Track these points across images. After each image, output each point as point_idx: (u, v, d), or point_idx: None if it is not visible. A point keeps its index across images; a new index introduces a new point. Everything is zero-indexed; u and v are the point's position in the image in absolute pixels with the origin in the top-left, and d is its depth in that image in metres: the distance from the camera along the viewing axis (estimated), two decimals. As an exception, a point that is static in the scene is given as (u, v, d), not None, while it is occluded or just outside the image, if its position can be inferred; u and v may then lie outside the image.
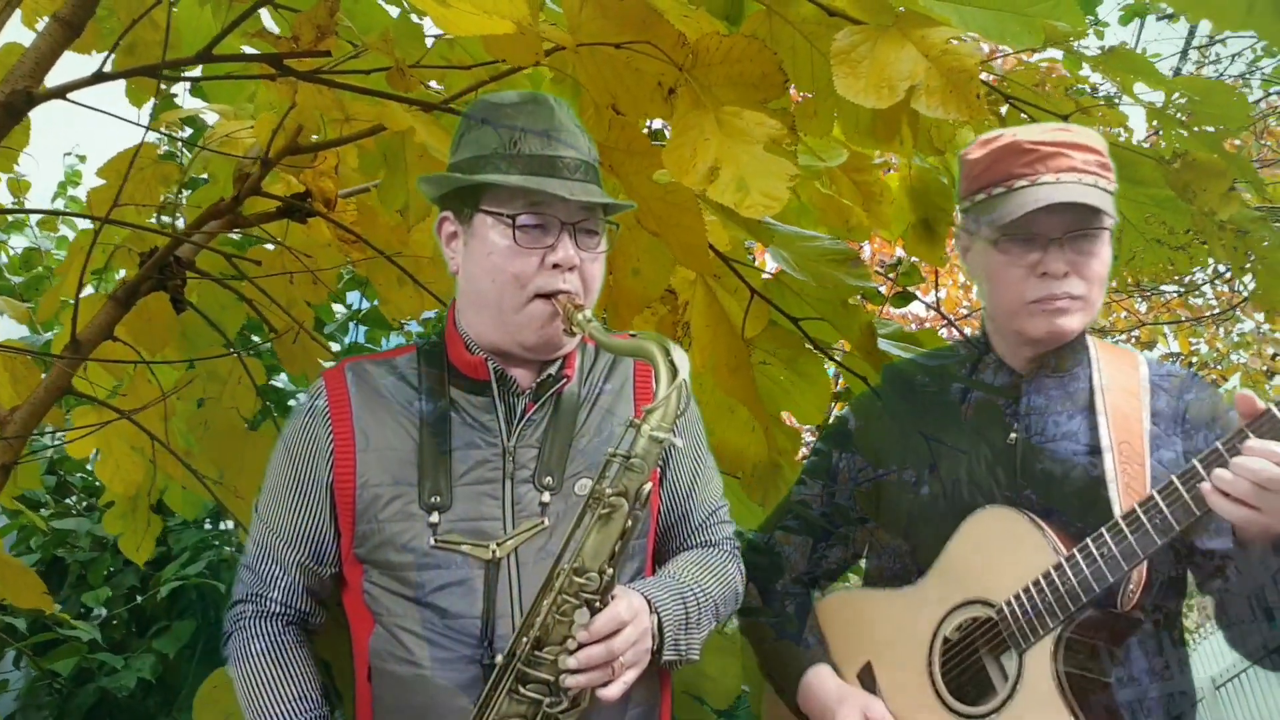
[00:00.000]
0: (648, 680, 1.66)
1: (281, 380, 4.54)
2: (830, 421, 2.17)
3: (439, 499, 1.65)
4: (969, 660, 1.73)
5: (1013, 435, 1.81)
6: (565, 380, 1.75)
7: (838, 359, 2.36)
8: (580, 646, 1.53)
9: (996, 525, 1.74)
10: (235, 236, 3.63)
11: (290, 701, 1.66)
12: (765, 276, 2.31)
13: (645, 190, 2.04)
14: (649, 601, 1.63)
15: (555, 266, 1.66)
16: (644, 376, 1.79)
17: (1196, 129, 1.97)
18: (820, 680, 1.84)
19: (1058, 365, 1.83)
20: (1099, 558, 1.62)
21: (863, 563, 2.08)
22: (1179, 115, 1.97)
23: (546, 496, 1.67)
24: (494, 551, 1.62)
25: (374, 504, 1.67)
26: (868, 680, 1.86)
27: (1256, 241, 2.04)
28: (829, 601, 1.96)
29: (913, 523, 1.86)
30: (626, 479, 1.53)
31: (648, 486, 1.54)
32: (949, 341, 2.27)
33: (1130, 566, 1.61)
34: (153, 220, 2.57)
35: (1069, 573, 1.64)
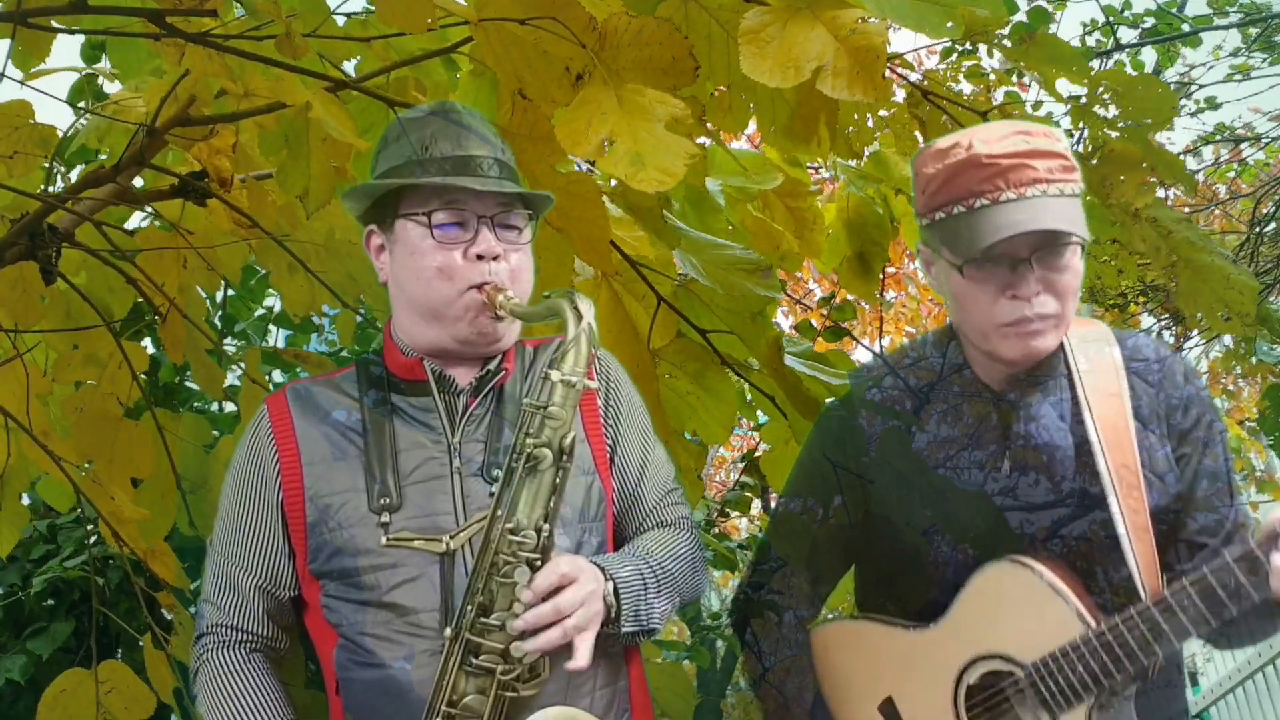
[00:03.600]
0: (611, 661, 1.67)
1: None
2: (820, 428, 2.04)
3: (389, 500, 1.65)
4: (997, 708, 1.70)
5: (1004, 465, 1.75)
6: (504, 374, 1.75)
7: (748, 376, 2.24)
8: (527, 608, 1.52)
9: (1013, 583, 1.69)
10: (146, 224, 3.47)
11: None
12: (676, 284, 2.20)
13: (548, 180, 1.94)
14: (602, 569, 1.61)
15: (479, 258, 1.67)
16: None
17: (1122, 124, 1.88)
18: None
19: (1036, 377, 1.75)
20: (1132, 639, 1.59)
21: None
22: (1102, 111, 1.88)
23: (495, 488, 1.63)
24: (448, 544, 1.61)
25: (325, 515, 1.67)
26: (890, 713, 1.84)
27: (1181, 242, 1.95)
28: (832, 630, 1.93)
29: (903, 554, 1.82)
30: (548, 429, 1.55)
31: (570, 435, 1.56)
32: (856, 363, 2.17)
33: (1164, 650, 1.58)
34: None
35: (1101, 651, 1.60)
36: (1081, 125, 1.93)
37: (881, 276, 3.56)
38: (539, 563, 1.54)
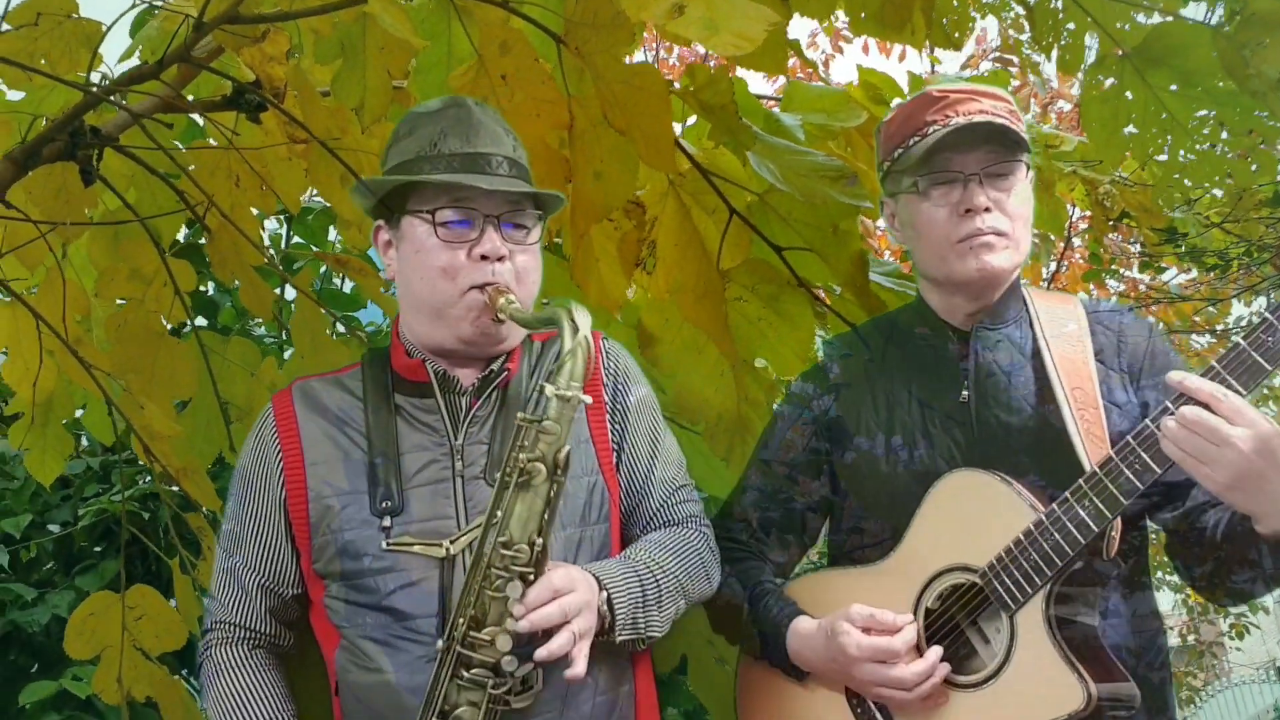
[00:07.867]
0: (611, 666, 1.65)
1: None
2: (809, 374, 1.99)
3: (390, 503, 1.65)
4: (952, 629, 1.71)
5: (964, 393, 1.79)
6: (508, 374, 1.74)
7: (826, 300, 2.05)
8: (518, 622, 1.50)
9: (966, 488, 1.71)
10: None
11: None
12: (752, 198, 2.01)
13: (610, 72, 1.78)
14: (598, 579, 1.60)
15: (483, 259, 1.66)
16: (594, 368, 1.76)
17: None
18: (804, 625, 1.80)
19: (998, 316, 1.82)
20: (1081, 510, 1.60)
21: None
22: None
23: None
24: (447, 549, 1.61)
25: (326, 515, 1.68)
26: None
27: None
28: (799, 584, 1.91)
29: (875, 493, 1.84)
30: (542, 443, 1.51)
31: (566, 450, 1.53)
32: None
33: (1115, 515, 1.59)
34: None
35: (1052, 529, 1.61)
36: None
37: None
38: (532, 576, 1.52)
